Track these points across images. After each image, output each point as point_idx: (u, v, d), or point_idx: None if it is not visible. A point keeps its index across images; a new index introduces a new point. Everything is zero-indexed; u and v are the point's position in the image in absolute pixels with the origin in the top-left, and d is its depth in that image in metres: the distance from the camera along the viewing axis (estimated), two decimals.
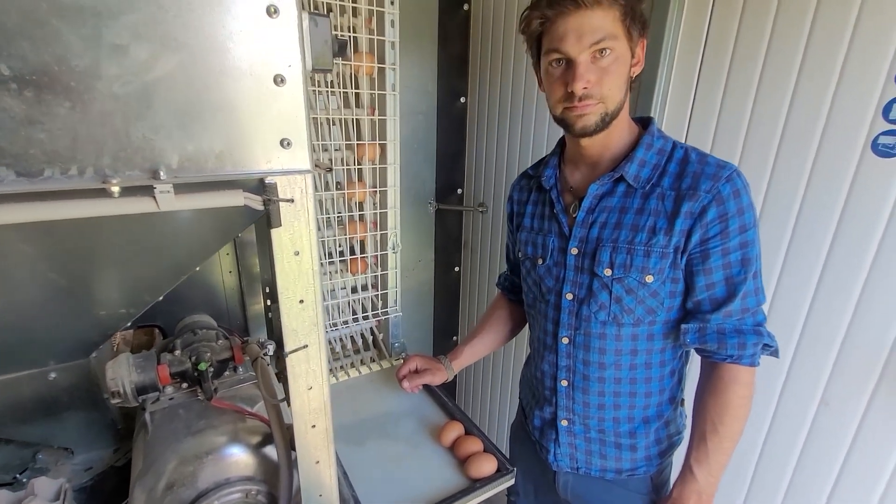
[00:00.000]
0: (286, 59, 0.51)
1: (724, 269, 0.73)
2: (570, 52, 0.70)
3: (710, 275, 0.74)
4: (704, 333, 0.76)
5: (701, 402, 0.80)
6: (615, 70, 0.71)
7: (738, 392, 0.76)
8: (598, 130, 0.75)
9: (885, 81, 0.84)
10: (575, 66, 0.71)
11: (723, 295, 0.75)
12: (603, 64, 0.71)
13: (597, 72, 0.71)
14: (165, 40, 0.44)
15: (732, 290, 0.74)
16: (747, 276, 0.73)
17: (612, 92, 0.72)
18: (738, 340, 0.74)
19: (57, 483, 0.80)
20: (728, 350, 0.75)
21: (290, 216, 0.57)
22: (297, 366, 0.64)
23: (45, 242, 0.52)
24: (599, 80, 0.71)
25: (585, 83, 0.71)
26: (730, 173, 0.72)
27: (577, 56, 0.70)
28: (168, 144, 0.47)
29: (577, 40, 0.70)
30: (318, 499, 0.73)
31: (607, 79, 0.71)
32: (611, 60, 0.71)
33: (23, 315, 0.64)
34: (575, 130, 0.76)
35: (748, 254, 0.73)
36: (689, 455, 0.81)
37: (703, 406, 0.79)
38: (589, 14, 0.68)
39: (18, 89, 0.40)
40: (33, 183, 0.42)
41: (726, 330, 0.75)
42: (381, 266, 1.37)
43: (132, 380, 0.76)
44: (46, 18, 0.40)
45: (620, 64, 0.72)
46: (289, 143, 0.53)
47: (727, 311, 0.74)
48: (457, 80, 1.74)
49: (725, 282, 0.74)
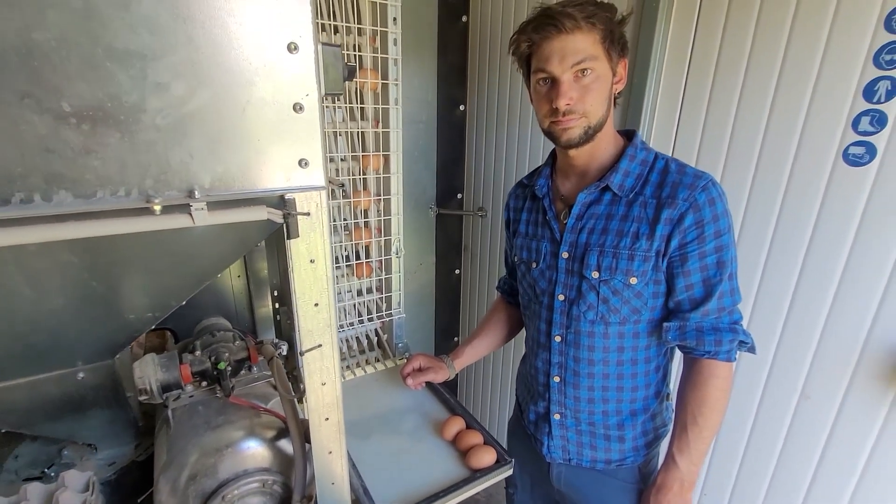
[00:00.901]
0: (304, 89, 0.57)
1: (702, 271, 0.79)
2: (554, 71, 0.77)
3: (688, 277, 0.80)
4: (684, 331, 0.82)
5: (682, 395, 0.86)
6: (596, 88, 0.78)
7: (716, 385, 0.81)
8: (581, 143, 0.81)
9: (853, 96, 0.90)
10: (559, 85, 0.77)
11: (701, 295, 0.80)
12: (585, 82, 0.77)
13: (579, 89, 0.77)
14: (200, 77, 0.50)
15: (709, 291, 0.79)
16: (723, 278, 0.79)
17: (594, 108, 0.79)
18: (714, 337, 0.80)
19: (85, 476, 0.85)
20: (705, 346, 0.80)
21: (307, 228, 0.63)
22: (311, 363, 0.70)
23: (90, 254, 0.57)
24: (582, 97, 0.78)
25: (568, 100, 0.77)
26: (705, 183, 0.78)
27: (561, 75, 0.77)
28: (201, 167, 0.53)
29: (560, 61, 0.76)
30: (330, 487, 0.79)
31: (589, 96, 0.78)
32: (592, 79, 0.77)
33: (60, 320, 0.69)
34: (561, 142, 0.83)
35: (723, 257, 0.78)
36: (671, 445, 0.86)
37: (684, 399, 0.85)
38: (571, 38, 0.75)
39: (77, 123, 0.46)
40: (88, 204, 0.48)
41: (704, 328, 0.81)
42: (385, 270, 1.43)
43: (158, 378, 0.81)
44: (101, 62, 0.46)
45: (601, 82, 0.78)
46: (306, 163, 0.59)
47: (705, 310, 0.80)
48: (456, 88, 1.80)
49: (703, 283, 0.80)
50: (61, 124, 0.46)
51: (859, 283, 0.94)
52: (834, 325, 0.99)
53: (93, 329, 0.77)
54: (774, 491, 1.14)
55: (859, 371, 0.97)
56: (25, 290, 0.59)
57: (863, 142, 0.90)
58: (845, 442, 1.01)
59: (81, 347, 0.82)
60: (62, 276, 0.59)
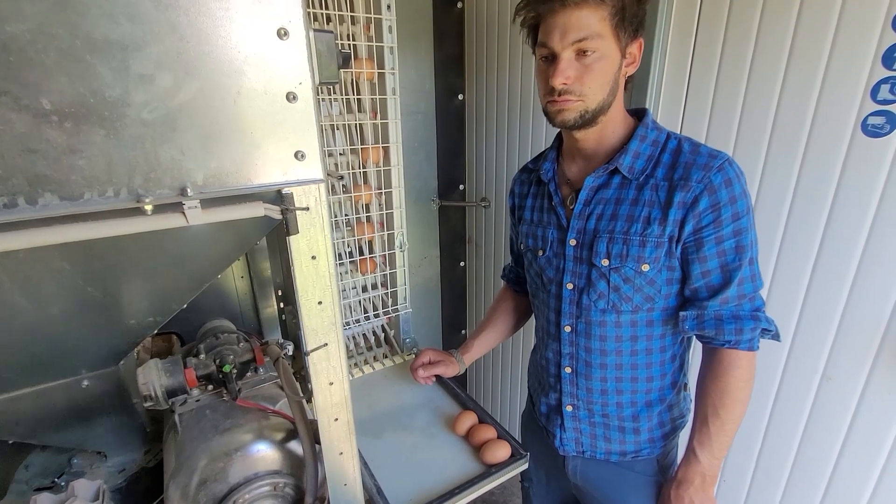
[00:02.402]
0: (297, 77, 0.54)
1: (719, 256, 0.75)
2: (554, 48, 0.73)
3: (704, 263, 0.76)
4: (702, 320, 0.78)
5: (702, 386, 0.83)
6: (598, 69, 0.73)
7: (738, 376, 0.78)
8: (577, 126, 0.77)
9: (872, 62, 0.86)
10: (556, 62, 0.73)
11: (719, 282, 0.76)
12: (586, 62, 0.73)
13: (578, 69, 0.73)
14: (187, 68, 0.48)
15: (728, 277, 0.76)
16: (742, 263, 0.75)
17: (593, 90, 0.74)
18: (735, 326, 0.76)
19: (95, 484, 0.84)
20: (725, 336, 0.77)
21: (307, 223, 0.60)
22: (318, 363, 0.68)
23: (84, 259, 0.55)
24: (580, 77, 0.73)
25: (564, 79, 0.73)
26: (721, 163, 0.73)
27: (560, 52, 0.72)
28: (193, 164, 0.51)
29: (561, 37, 0.72)
30: (342, 488, 0.78)
31: (588, 77, 0.73)
32: (594, 59, 0.72)
33: (60, 328, 0.68)
34: (554, 123, 0.79)
35: (742, 241, 0.75)
36: (692, 438, 0.83)
37: (705, 390, 0.82)
38: (575, 13, 0.70)
39: (59, 121, 0.44)
40: (75, 206, 0.46)
41: (723, 316, 0.77)
42: (390, 265, 1.41)
43: (162, 383, 0.80)
44: (81, 55, 0.43)
45: (606, 63, 0.73)
46: (303, 156, 0.57)
47: (724, 297, 0.76)
48: (454, 77, 1.77)
49: (721, 269, 0.76)
50: (42, 122, 0.43)
51: (882, 259, 0.91)
52: (856, 303, 0.96)
53: (94, 336, 0.75)
54: (797, 475, 1.12)
55: (884, 350, 0.94)
56: (19, 300, 0.57)
57: (882, 111, 0.86)
58: (870, 423, 0.98)
59: (84, 355, 0.81)
60: (56, 283, 0.57)
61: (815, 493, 1.08)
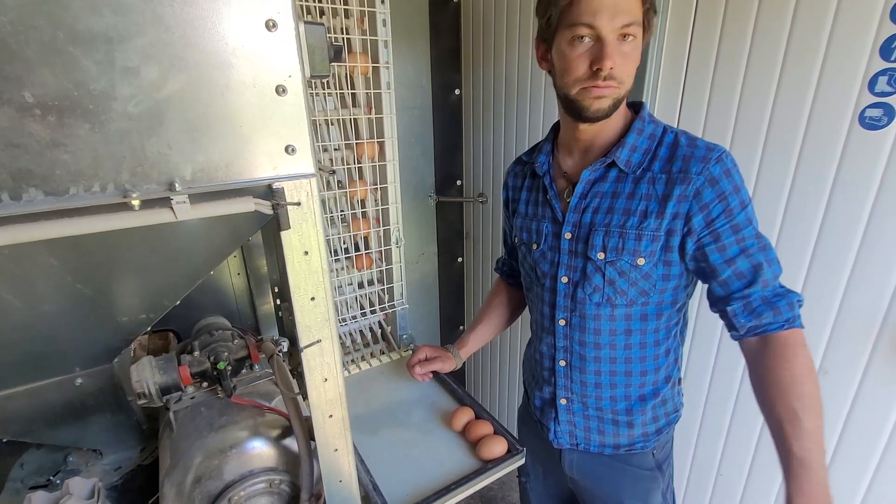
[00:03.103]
0: (286, 70, 0.53)
1: (739, 242, 0.73)
2: (603, 29, 0.68)
3: (724, 251, 0.73)
4: (751, 307, 0.73)
5: (771, 383, 0.72)
6: (634, 56, 0.72)
7: (805, 353, 0.71)
8: (607, 115, 0.75)
9: (870, 54, 0.86)
10: (605, 44, 0.69)
11: (748, 267, 0.73)
12: (625, 49, 0.70)
13: (621, 55, 0.70)
14: (173, 60, 0.47)
15: (756, 261, 0.73)
16: (765, 245, 0.73)
17: (629, 77, 0.73)
18: (786, 301, 0.72)
19: (90, 482, 0.84)
20: (783, 314, 0.72)
21: (298, 218, 0.60)
22: (312, 360, 0.67)
23: (72, 256, 0.55)
24: (623, 62, 0.71)
25: (612, 63, 0.70)
26: (719, 154, 0.73)
27: (608, 35, 0.69)
28: (181, 158, 0.50)
29: (611, 19, 0.68)
30: (338, 485, 0.77)
31: (628, 63, 0.71)
32: (632, 47, 0.71)
33: (51, 325, 0.67)
34: (589, 112, 0.74)
35: (756, 225, 0.74)
36: (788, 449, 0.69)
37: (778, 385, 0.71)
38: None
39: (42, 115, 0.43)
40: (60, 201, 0.45)
41: (769, 297, 0.73)
42: (386, 261, 1.40)
43: (156, 381, 0.79)
44: (63, 47, 0.42)
45: (637, 52, 0.72)
46: (293, 150, 0.56)
47: (764, 280, 0.73)
48: (450, 72, 1.76)
49: (744, 254, 0.73)
50: (25, 116, 0.43)
51: (878, 253, 0.91)
52: (852, 297, 0.96)
53: (86, 334, 0.75)
54: None
55: (880, 344, 0.94)
56: (7, 296, 0.56)
57: (880, 103, 0.86)
58: (866, 417, 0.98)
59: (77, 353, 0.80)
60: (44, 280, 0.57)
61: None
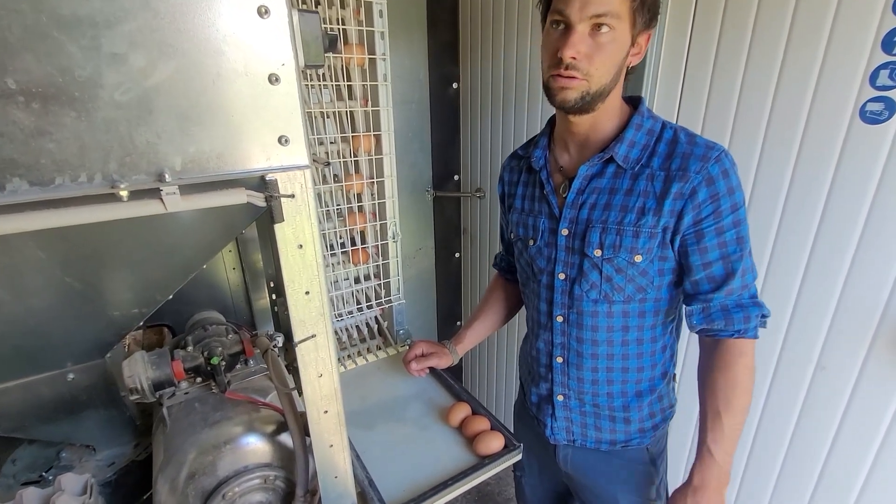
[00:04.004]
0: (279, 58, 0.52)
1: (720, 247, 0.74)
2: (571, 17, 0.68)
3: (705, 254, 0.75)
4: (709, 313, 0.77)
5: (709, 382, 0.80)
6: (609, 50, 0.70)
7: (745, 363, 0.77)
8: (576, 108, 0.74)
9: (871, 48, 0.85)
10: (570, 32, 0.69)
11: (721, 274, 0.75)
12: (599, 40, 0.69)
13: (590, 46, 0.69)
14: (162, 46, 0.46)
15: (731, 269, 0.75)
16: (744, 254, 0.74)
17: (600, 72, 0.71)
18: (742, 314, 0.76)
19: (83, 478, 0.83)
20: (735, 325, 0.76)
21: (292, 211, 0.58)
22: (306, 355, 0.66)
23: (60, 248, 0.54)
24: (590, 54, 0.70)
25: (574, 52, 0.69)
26: (718, 154, 0.72)
27: (577, 24, 0.68)
28: (171, 148, 0.49)
29: (581, 7, 0.67)
30: (333, 480, 0.77)
31: (598, 56, 0.70)
32: (608, 39, 0.69)
33: (41, 319, 0.66)
34: (554, 101, 0.75)
35: (741, 232, 0.74)
36: (704, 438, 0.80)
37: (713, 385, 0.79)
38: None
39: (25, 102, 0.42)
40: (45, 191, 0.44)
41: (729, 306, 0.77)
42: (383, 256, 1.39)
43: (148, 376, 0.78)
44: (47, 31, 0.41)
45: (616, 46, 0.70)
46: (286, 140, 0.55)
47: (729, 288, 0.75)
48: (448, 66, 1.74)
49: (722, 260, 0.75)
50: (8, 103, 0.41)
51: (878, 248, 0.90)
52: (851, 293, 0.95)
53: (77, 328, 0.74)
54: (789, 464, 1.12)
55: (878, 340, 0.93)
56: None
57: (881, 97, 0.85)
58: (863, 413, 0.98)
59: (68, 347, 0.79)
60: (33, 273, 0.56)
61: (808, 482, 1.09)
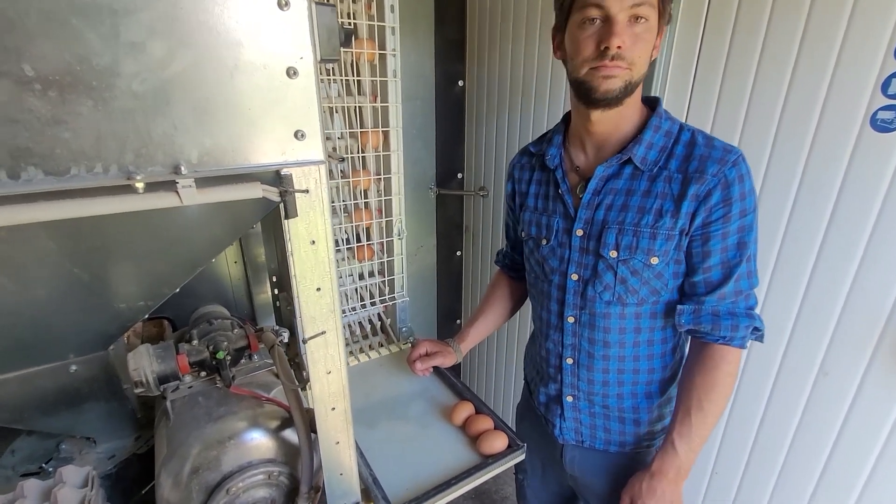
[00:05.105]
0: (298, 52, 0.51)
1: (722, 252, 0.75)
2: (612, 8, 0.69)
3: (707, 258, 0.76)
4: (699, 315, 0.78)
5: (688, 379, 0.82)
6: (646, 39, 0.71)
7: (727, 371, 0.78)
8: (619, 98, 0.74)
9: (884, 56, 0.85)
10: (613, 23, 0.69)
11: (718, 278, 0.76)
12: (637, 30, 0.70)
13: (632, 36, 0.70)
14: (181, 37, 0.45)
15: (727, 273, 0.75)
16: (742, 260, 0.75)
17: (642, 60, 0.72)
18: (731, 322, 0.76)
19: (84, 470, 0.82)
20: (721, 332, 0.77)
21: (306, 206, 0.58)
22: (315, 351, 0.66)
23: (70, 239, 0.53)
24: (633, 44, 0.70)
25: (621, 42, 0.69)
26: (736, 157, 0.73)
27: (617, 14, 0.69)
28: (187, 140, 0.48)
29: None
30: (338, 477, 0.76)
31: (639, 45, 0.71)
32: (644, 29, 0.71)
33: (46, 311, 0.65)
34: (598, 92, 0.74)
35: (745, 238, 0.74)
36: (671, 429, 0.82)
37: (691, 383, 0.81)
38: None
39: (42, 90, 0.41)
40: (61, 181, 0.43)
41: (720, 312, 0.77)
42: (387, 252, 1.39)
43: (153, 369, 0.78)
44: (66, 18, 0.40)
45: (651, 36, 0.72)
46: (303, 135, 0.54)
47: (721, 293, 0.76)
48: (454, 63, 1.73)
49: (721, 265, 0.76)
50: (24, 90, 0.40)
51: (884, 256, 0.90)
52: (856, 299, 0.96)
53: (81, 320, 0.73)
54: (789, 468, 1.12)
55: (881, 347, 0.94)
56: (1, 279, 0.54)
57: (892, 106, 0.85)
58: (864, 419, 0.98)
59: (71, 339, 0.78)
60: (41, 263, 0.55)
61: (808, 486, 1.09)
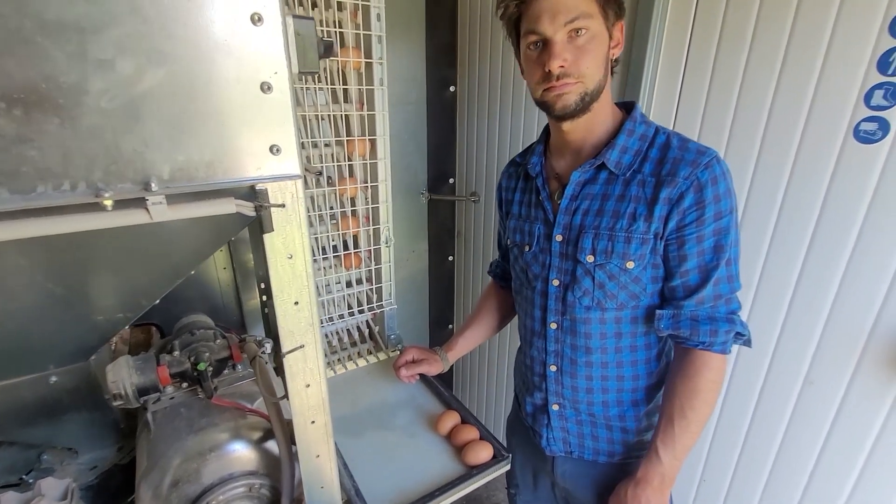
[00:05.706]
0: (272, 67, 0.51)
1: (698, 256, 0.74)
2: (546, 31, 0.71)
3: (684, 262, 0.75)
4: (678, 320, 0.77)
5: (671, 385, 0.81)
6: (592, 49, 0.72)
7: (709, 377, 0.77)
8: (578, 111, 0.75)
9: (867, 67, 0.85)
10: (551, 45, 0.71)
11: (696, 282, 0.76)
12: (579, 43, 0.71)
13: (573, 51, 0.71)
14: (150, 53, 0.44)
15: (705, 277, 0.75)
16: (720, 263, 0.74)
17: (591, 70, 0.73)
18: (710, 327, 0.75)
19: (64, 483, 0.81)
20: (700, 337, 0.76)
21: (283, 221, 0.58)
22: (294, 365, 0.65)
23: (41, 254, 0.52)
24: (576, 59, 0.72)
25: (562, 62, 0.71)
26: (709, 160, 0.72)
27: (553, 35, 0.71)
28: (158, 156, 0.47)
29: (552, 20, 0.70)
30: (319, 491, 0.76)
31: (584, 57, 0.72)
32: (587, 39, 0.71)
33: (22, 323, 0.64)
34: (555, 111, 0.76)
35: (722, 241, 0.74)
36: (655, 437, 0.81)
37: (673, 390, 0.80)
38: None
39: (7, 108, 0.40)
40: (27, 200, 0.43)
41: (699, 317, 0.76)
42: (375, 260, 1.38)
43: (133, 382, 0.77)
44: (31, 36, 0.40)
45: (597, 43, 0.72)
46: (278, 150, 0.54)
47: (699, 297, 0.75)
48: (446, 68, 1.73)
49: (699, 269, 0.75)
50: None
51: (868, 266, 0.91)
52: (841, 309, 0.96)
53: (60, 332, 0.72)
54: (776, 477, 1.12)
55: (866, 356, 0.94)
56: None
57: (875, 117, 0.85)
58: (849, 428, 0.98)
59: (51, 351, 0.78)
60: (14, 279, 0.54)
61: (794, 495, 1.09)
